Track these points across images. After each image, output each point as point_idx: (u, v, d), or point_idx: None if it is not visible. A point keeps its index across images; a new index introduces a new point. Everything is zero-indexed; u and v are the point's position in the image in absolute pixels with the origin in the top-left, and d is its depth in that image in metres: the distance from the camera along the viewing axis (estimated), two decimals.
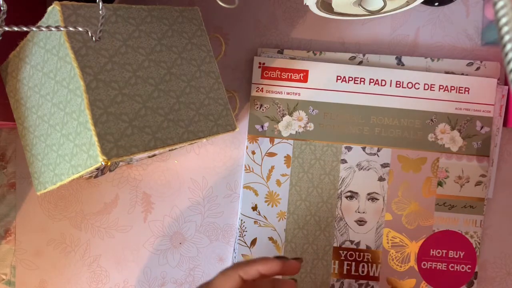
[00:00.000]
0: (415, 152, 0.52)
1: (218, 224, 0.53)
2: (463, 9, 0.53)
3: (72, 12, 0.38)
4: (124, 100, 0.38)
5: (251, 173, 0.52)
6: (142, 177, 0.54)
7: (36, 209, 0.54)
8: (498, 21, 0.21)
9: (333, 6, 0.44)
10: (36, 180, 0.44)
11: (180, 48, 0.44)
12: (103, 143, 0.36)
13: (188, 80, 0.43)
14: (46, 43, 0.39)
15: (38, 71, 0.41)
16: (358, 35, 0.53)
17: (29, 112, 0.43)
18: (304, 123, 0.52)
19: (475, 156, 0.51)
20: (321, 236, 0.52)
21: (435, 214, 0.52)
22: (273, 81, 0.52)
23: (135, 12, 0.42)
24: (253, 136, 0.52)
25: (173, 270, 0.53)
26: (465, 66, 0.52)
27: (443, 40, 0.53)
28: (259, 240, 0.52)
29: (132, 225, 0.54)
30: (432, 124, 0.52)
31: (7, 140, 0.54)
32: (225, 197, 0.53)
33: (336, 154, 0.52)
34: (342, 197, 0.52)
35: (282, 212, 0.52)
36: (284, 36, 0.53)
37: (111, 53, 0.39)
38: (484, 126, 0.51)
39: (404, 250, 0.52)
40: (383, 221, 0.52)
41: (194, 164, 0.53)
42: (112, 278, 0.54)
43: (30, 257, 0.54)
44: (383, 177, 0.52)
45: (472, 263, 0.52)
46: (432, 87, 0.52)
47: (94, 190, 0.54)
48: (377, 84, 0.52)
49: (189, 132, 0.42)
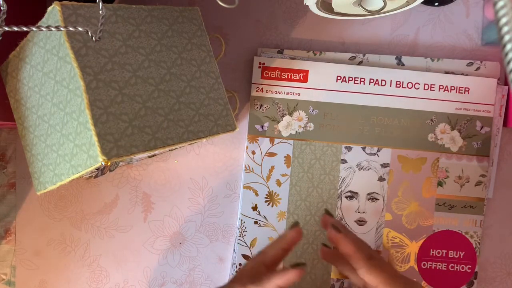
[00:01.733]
0: (415, 152, 0.52)
1: (218, 224, 0.53)
2: (463, 9, 0.53)
3: (72, 12, 0.38)
4: (124, 100, 0.38)
5: (251, 173, 0.52)
6: (142, 177, 0.54)
7: (36, 209, 0.54)
8: (498, 21, 0.21)
9: (333, 6, 0.44)
10: (36, 180, 0.44)
11: (180, 48, 0.44)
12: (103, 143, 0.36)
13: (188, 80, 0.43)
14: (46, 43, 0.39)
15: (38, 71, 0.41)
16: (358, 35, 0.53)
17: (29, 112, 0.43)
18: (304, 123, 0.52)
19: (475, 156, 0.51)
20: (321, 236, 0.52)
21: (435, 214, 0.52)
22: (273, 81, 0.52)
23: (135, 12, 0.42)
24: (253, 136, 0.52)
25: (173, 270, 0.53)
26: (465, 66, 0.52)
27: (443, 40, 0.53)
28: (259, 240, 0.52)
29: (132, 225, 0.54)
30: (432, 124, 0.52)
31: (7, 140, 0.54)
32: (225, 197, 0.53)
33: (336, 154, 0.52)
34: (342, 197, 0.52)
35: (282, 212, 0.52)
36: (284, 36, 0.53)
37: (111, 53, 0.39)
38: (484, 126, 0.51)
39: (404, 250, 0.52)
40: (383, 221, 0.52)
41: (194, 164, 0.53)
42: (112, 278, 0.54)
43: (30, 257, 0.54)
44: (383, 177, 0.52)
45: (472, 263, 0.52)
46: (432, 87, 0.52)
47: (94, 190, 0.54)
48: (377, 84, 0.52)
49: (189, 132, 0.42)
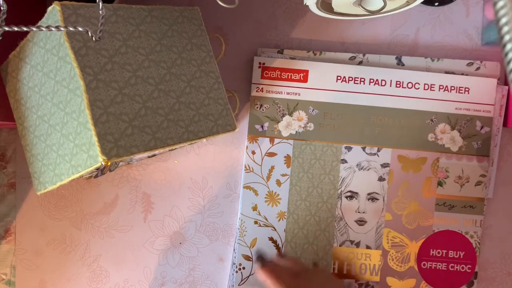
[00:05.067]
0: (415, 152, 0.52)
1: (218, 224, 0.53)
2: (463, 9, 0.53)
3: (72, 12, 0.38)
4: (124, 100, 0.38)
5: (251, 173, 0.52)
6: (142, 177, 0.54)
7: (36, 209, 0.54)
8: (498, 21, 0.21)
9: (333, 6, 0.44)
10: (36, 180, 0.44)
11: (180, 48, 0.44)
12: (103, 143, 0.36)
13: (188, 80, 0.43)
14: (46, 43, 0.39)
15: (38, 71, 0.41)
16: (358, 35, 0.53)
17: (29, 112, 0.43)
18: (304, 123, 0.52)
19: (475, 156, 0.51)
20: (321, 236, 0.52)
21: (435, 214, 0.52)
22: (273, 81, 0.52)
23: (135, 12, 0.42)
24: (253, 136, 0.52)
25: (173, 270, 0.53)
26: (465, 66, 0.52)
27: (443, 40, 0.53)
28: (259, 240, 0.52)
29: (132, 225, 0.54)
30: (432, 124, 0.52)
31: (7, 140, 0.54)
32: (225, 197, 0.53)
33: (336, 154, 0.52)
34: (342, 197, 0.52)
35: (282, 212, 0.52)
36: (284, 36, 0.53)
37: (111, 53, 0.39)
38: (484, 126, 0.51)
39: (404, 250, 0.52)
40: (383, 221, 0.52)
41: (194, 164, 0.53)
42: (112, 278, 0.54)
43: (30, 257, 0.54)
44: (383, 177, 0.52)
45: (472, 263, 0.52)
46: (432, 87, 0.52)
47: (94, 190, 0.54)
48: (377, 84, 0.52)
49: (189, 132, 0.42)
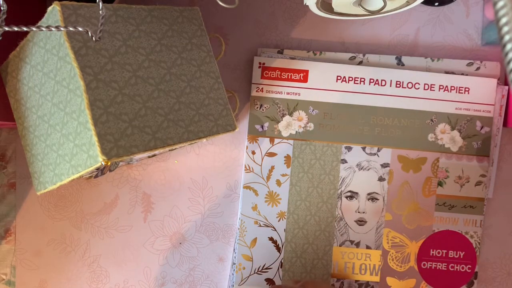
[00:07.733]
0: (415, 152, 0.52)
1: (218, 224, 0.53)
2: (463, 9, 0.53)
3: (72, 12, 0.38)
4: (124, 100, 0.38)
5: (251, 173, 0.52)
6: (142, 177, 0.54)
7: (36, 209, 0.54)
8: (498, 21, 0.21)
9: (333, 6, 0.44)
10: (36, 180, 0.44)
11: (180, 48, 0.44)
12: (103, 143, 0.36)
13: (188, 80, 0.43)
14: (46, 43, 0.39)
15: (38, 71, 0.41)
16: (358, 35, 0.53)
17: (29, 112, 0.43)
18: (304, 123, 0.52)
19: (475, 156, 0.51)
20: (321, 236, 0.52)
21: (435, 214, 0.52)
22: (273, 81, 0.52)
23: (135, 12, 0.42)
24: (253, 136, 0.52)
25: (173, 270, 0.53)
26: (465, 66, 0.52)
27: (443, 40, 0.53)
28: (259, 240, 0.52)
29: (132, 225, 0.54)
30: (432, 124, 0.52)
31: (7, 140, 0.54)
32: (225, 197, 0.53)
33: (336, 154, 0.52)
34: (342, 197, 0.52)
35: (282, 212, 0.52)
36: (284, 36, 0.53)
37: (111, 53, 0.39)
38: (484, 126, 0.51)
39: (404, 250, 0.52)
40: (383, 221, 0.52)
41: (194, 164, 0.53)
42: (112, 278, 0.54)
43: (30, 257, 0.54)
44: (383, 177, 0.52)
45: (472, 263, 0.52)
46: (432, 87, 0.52)
47: (94, 190, 0.54)
48: (377, 84, 0.52)
49: (189, 132, 0.42)
